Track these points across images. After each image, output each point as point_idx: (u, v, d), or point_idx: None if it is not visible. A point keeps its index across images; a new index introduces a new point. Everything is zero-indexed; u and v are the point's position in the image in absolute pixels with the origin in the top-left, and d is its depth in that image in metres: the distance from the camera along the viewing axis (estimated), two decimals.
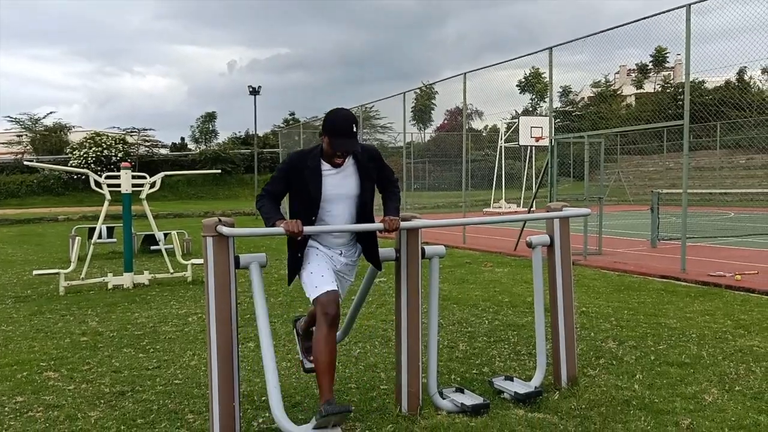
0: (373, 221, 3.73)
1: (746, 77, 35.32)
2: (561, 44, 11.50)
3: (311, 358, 3.79)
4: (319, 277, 3.52)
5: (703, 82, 34.61)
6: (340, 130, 3.47)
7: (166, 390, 4.45)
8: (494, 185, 28.81)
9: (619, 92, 44.10)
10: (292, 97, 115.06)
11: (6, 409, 4.13)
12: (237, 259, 3.40)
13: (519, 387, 4.11)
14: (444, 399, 3.97)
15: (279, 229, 3.32)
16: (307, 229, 3.38)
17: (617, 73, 48.90)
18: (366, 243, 3.79)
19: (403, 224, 3.70)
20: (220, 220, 3.30)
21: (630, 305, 6.99)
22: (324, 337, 3.43)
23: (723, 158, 30.54)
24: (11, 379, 4.73)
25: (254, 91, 31.16)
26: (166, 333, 6.13)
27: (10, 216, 26.17)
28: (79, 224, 16.28)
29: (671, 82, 43.22)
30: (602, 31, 10.74)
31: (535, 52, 12.44)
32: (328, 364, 3.42)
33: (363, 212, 3.69)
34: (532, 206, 14.44)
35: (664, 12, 9.50)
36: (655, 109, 33.47)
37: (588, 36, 10.96)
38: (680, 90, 35.45)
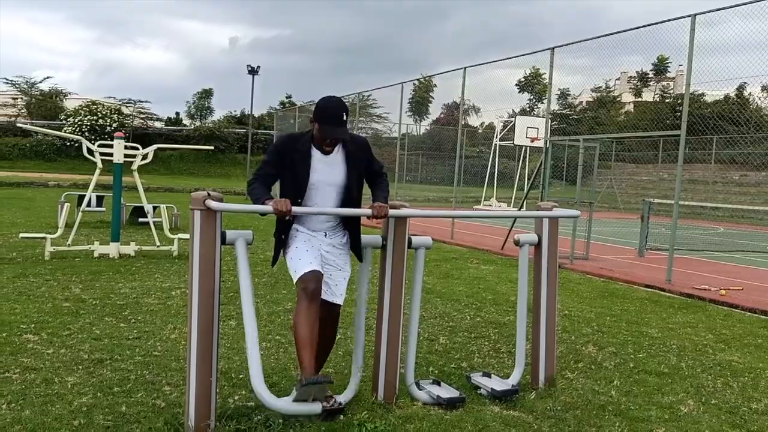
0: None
1: (746, 93, 35.50)
2: (563, 45, 11.49)
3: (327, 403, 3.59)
4: (297, 260, 3.53)
5: (703, 94, 34.73)
6: (331, 118, 3.48)
7: (144, 361, 4.43)
8: (486, 183, 28.83)
9: (618, 98, 44.17)
10: (290, 80, 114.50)
11: None
12: (223, 235, 3.38)
13: (496, 384, 4.12)
14: (420, 390, 3.97)
15: (268, 207, 3.30)
16: (296, 209, 3.36)
17: (618, 79, 48.96)
18: (351, 232, 3.79)
19: (392, 212, 3.68)
20: (209, 194, 3.28)
21: (613, 312, 7.03)
22: (304, 310, 3.42)
23: (717, 173, 30.70)
24: None
25: (253, 71, 30.96)
26: (148, 305, 6.10)
27: (0, 178, 25.93)
28: (68, 191, 16.15)
29: (671, 92, 43.36)
30: (606, 35, 10.74)
31: (537, 52, 12.42)
32: (308, 338, 3.39)
33: (348, 201, 3.68)
34: (522, 207, 14.45)
35: (668, 20, 9.50)
36: (653, 118, 33.57)
37: (591, 39, 10.96)
38: (679, 101, 35.59)
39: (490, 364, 4.87)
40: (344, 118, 3.51)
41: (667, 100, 41.28)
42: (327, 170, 3.60)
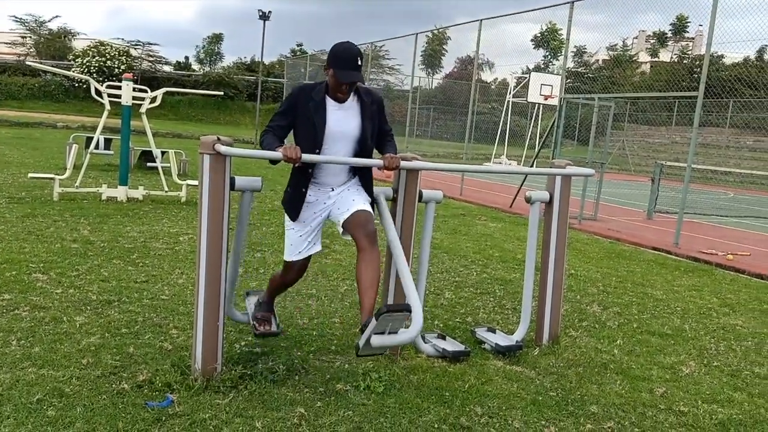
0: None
1: (766, 56, 34.71)
2: None
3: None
4: (290, 245, 3.66)
5: (722, 56, 33.96)
6: (346, 62, 3.38)
7: (152, 304, 4.47)
8: (497, 140, 28.53)
9: (635, 58, 43.27)
10: (302, 28, 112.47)
11: None
12: (232, 181, 3.34)
13: (500, 339, 4.15)
14: (426, 343, 4.00)
15: (277, 153, 3.24)
16: (306, 156, 3.30)
17: (636, 37, 47.88)
18: (362, 181, 3.74)
19: (404, 164, 3.63)
20: (219, 138, 3.23)
21: (619, 273, 7.02)
22: (281, 278, 3.86)
23: (731, 137, 30.26)
24: (0, 277, 4.75)
25: (264, 16, 30.33)
26: (156, 249, 6.13)
27: (9, 117, 25.80)
28: (76, 133, 16.10)
29: (689, 53, 42.42)
30: None
31: (556, 5, 12.11)
32: (282, 287, 3.99)
33: (362, 153, 3.61)
34: (532, 166, 14.33)
35: None
36: (670, 80, 32.91)
37: None
38: (697, 62, 34.82)
39: (494, 319, 4.89)
40: (359, 62, 3.41)
41: (684, 61, 40.39)
42: (342, 121, 3.51)
